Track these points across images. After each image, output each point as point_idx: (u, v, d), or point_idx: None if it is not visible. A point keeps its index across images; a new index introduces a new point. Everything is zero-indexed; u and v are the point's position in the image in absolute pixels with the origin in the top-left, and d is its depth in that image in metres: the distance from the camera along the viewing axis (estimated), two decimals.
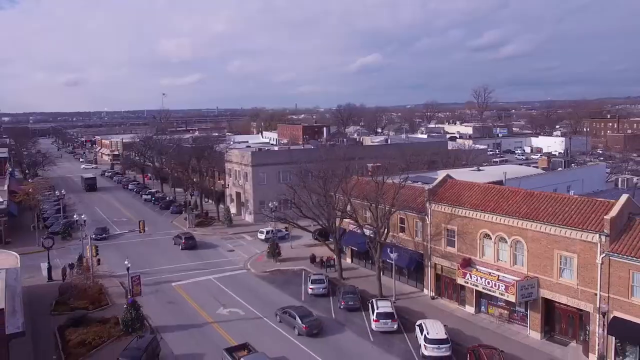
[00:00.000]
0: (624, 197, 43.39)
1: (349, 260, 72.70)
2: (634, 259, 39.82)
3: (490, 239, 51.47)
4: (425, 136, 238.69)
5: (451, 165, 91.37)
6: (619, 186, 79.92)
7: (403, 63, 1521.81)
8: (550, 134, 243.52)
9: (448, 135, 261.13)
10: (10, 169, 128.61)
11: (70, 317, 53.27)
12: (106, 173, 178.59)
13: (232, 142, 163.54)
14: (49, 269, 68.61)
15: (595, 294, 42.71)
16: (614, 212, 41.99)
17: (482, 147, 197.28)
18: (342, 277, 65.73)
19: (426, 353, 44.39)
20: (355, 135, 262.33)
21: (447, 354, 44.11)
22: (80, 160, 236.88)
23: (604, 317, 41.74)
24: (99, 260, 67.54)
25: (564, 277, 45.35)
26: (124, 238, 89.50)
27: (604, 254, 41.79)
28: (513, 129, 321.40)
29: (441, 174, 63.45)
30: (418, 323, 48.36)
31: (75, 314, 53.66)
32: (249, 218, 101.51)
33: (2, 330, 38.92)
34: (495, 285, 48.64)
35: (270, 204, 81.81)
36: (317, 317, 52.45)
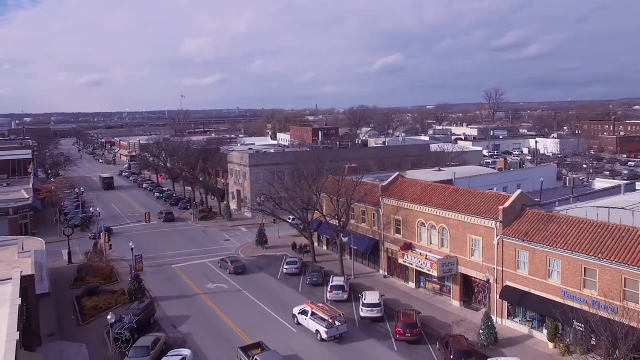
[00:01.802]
0: (517, 192, 54.95)
1: (324, 247, 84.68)
2: (519, 240, 51.30)
3: (424, 226, 63.20)
4: (427, 138, 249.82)
5: (423, 166, 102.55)
6: (566, 184, 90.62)
7: (425, 63, 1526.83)
8: (547, 136, 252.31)
9: (454, 137, 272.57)
10: (33, 169, 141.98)
11: (85, 288, 65.92)
12: (123, 173, 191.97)
13: (238, 144, 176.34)
14: (69, 254, 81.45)
15: (494, 268, 54.27)
16: (506, 203, 53.51)
17: (478, 148, 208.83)
18: (315, 260, 77.66)
19: (362, 314, 56.41)
20: (365, 136, 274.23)
21: (379, 315, 56.01)
22: (100, 161, 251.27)
23: (487, 283, 53.37)
24: (110, 245, 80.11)
25: (474, 256, 56.95)
26: (135, 230, 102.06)
27: (498, 237, 53.36)
28: (520, 130, 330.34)
29: (396, 173, 74.90)
30: (361, 293, 60.25)
31: (89, 286, 66.27)
32: (247, 213, 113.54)
33: (33, 291, 51.28)
34: (423, 263, 60.40)
35: (257, 199, 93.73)
36: (243, 262, 75.38)
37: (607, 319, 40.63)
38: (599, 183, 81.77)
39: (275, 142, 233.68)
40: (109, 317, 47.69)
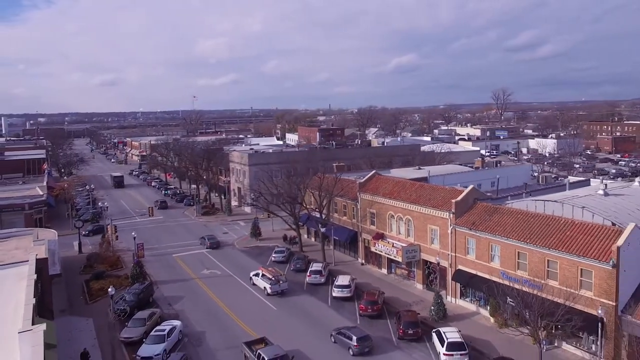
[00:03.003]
0: (470, 187, 62.39)
1: (313, 239, 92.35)
2: (467, 229, 58.74)
3: (394, 218, 70.78)
4: (429, 138, 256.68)
5: (412, 165, 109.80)
6: (540, 182, 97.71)
7: (439, 64, 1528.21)
8: (547, 136, 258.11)
9: (457, 137, 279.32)
10: (47, 168, 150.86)
11: (93, 273, 74.15)
12: (134, 172, 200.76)
13: (243, 145, 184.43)
14: (80, 244, 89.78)
15: (449, 254, 61.74)
16: (459, 197, 60.96)
17: (475, 148, 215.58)
18: (302, 250, 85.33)
19: (334, 294, 64.15)
20: (373, 136, 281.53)
21: (349, 295, 63.71)
22: (112, 160, 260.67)
23: (438, 265, 60.96)
24: (117, 236, 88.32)
25: (434, 244, 64.45)
26: (141, 224, 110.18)
27: (452, 226, 60.82)
28: (526, 130, 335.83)
29: (373, 171, 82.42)
30: (335, 277, 67.99)
31: (97, 271, 74.53)
32: (246, 209, 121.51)
33: (46, 272, 59.34)
34: (391, 251, 68.04)
35: (251, 195, 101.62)
36: (217, 239, 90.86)
37: (535, 294, 47.88)
38: (573, 180, 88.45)
39: (280, 142, 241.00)
40: (109, 289, 55.90)
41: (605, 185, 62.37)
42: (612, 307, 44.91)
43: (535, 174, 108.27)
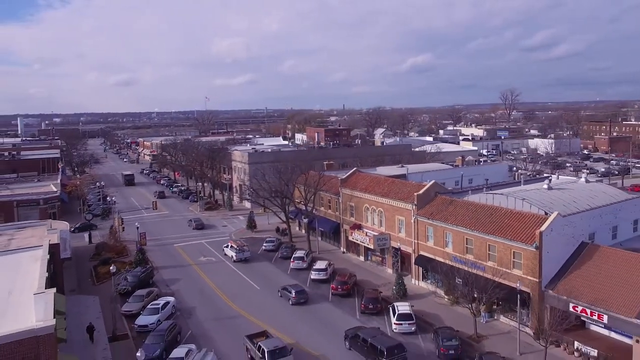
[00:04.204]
0: (431, 182, 70.21)
1: (303, 231, 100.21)
2: (426, 218, 66.55)
3: (369, 210, 78.70)
4: (431, 138, 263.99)
5: (397, 162, 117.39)
6: (516, 179, 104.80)
7: (455, 63, 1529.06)
8: (545, 137, 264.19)
9: (462, 137, 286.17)
10: (61, 167, 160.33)
11: (101, 259, 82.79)
12: (144, 171, 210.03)
13: (248, 144, 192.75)
14: (90, 235, 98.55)
15: (412, 242, 69.59)
16: (421, 191, 68.77)
17: (474, 148, 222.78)
18: (292, 240, 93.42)
19: (312, 277, 72.32)
20: (380, 136, 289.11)
21: (325, 277, 71.78)
22: (124, 160, 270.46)
23: (398, 250, 68.83)
24: (123, 227, 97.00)
25: (401, 233, 72.30)
26: (148, 218, 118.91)
27: (414, 217, 68.65)
28: (532, 131, 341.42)
29: (354, 169, 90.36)
30: (315, 262, 76.09)
31: (104, 258, 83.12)
32: (247, 204, 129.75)
33: (58, 256, 67.90)
34: (364, 239, 76.02)
35: (247, 190, 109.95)
36: (202, 221, 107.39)
37: (478, 275, 55.67)
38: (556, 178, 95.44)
39: (286, 142, 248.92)
40: (111, 267, 64.67)
41: (550, 180, 69.90)
42: (537, 283, 52.60)
43: (517, 171, 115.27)
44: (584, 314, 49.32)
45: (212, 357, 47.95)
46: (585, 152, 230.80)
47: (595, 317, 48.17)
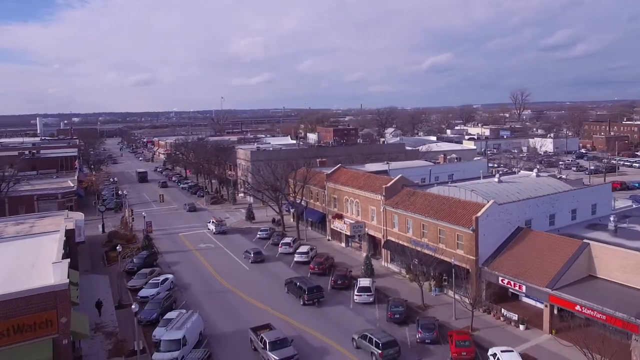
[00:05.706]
0: (398, 176, 79.83)
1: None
2: (392, 207, 76.24)
3: (348, 201, 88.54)
4: (434, 138, 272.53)
5: (386, 160, 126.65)
6: (493, 174, 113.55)
7: (473, 63, 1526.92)
8: (545, 136, 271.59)
9: (467, 137, 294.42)
10: (78, 165, 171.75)
11: (111, 245, 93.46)
12: (158, 169, 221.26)
13: (255, 144, 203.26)
14: (103, 225, 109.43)
15: (382, 228, 79.30)
16: (389, 184, 78.45)
17: (473, 147, 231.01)
18: (284, 230, 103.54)
19: (295, 259, 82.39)
20: (389, 136, 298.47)
21: (306, 259, 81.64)
22: (140, 159, 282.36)
23: (365, 235, 78.59)
24: (133, 218, 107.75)
25: (373, 220, 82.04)
26: (157, 212, 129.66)
27: (383, 206, 78.37)
28: (538, 130, 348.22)
29: (339, 165, 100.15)
30: (299, 246, 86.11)
31: (114, 244, 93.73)
32: (250, 198, 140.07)
33: (73, 240, 78.48)
34: (343, 227, 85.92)
35: (245, 185, 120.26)
36: (194, 204, 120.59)
37: (431, 255, 65.36)
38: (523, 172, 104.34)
39: (293, 141, 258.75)
40: (117, 247, 75.29)
41: (500, 174, 79.34)
42: (474, 261, 62.10)
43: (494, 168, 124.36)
44: (509, 286, 58.82)
45: (197, 317, 57.87)
46: (583, 151, 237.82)
47: (517, 288, 57.66)
